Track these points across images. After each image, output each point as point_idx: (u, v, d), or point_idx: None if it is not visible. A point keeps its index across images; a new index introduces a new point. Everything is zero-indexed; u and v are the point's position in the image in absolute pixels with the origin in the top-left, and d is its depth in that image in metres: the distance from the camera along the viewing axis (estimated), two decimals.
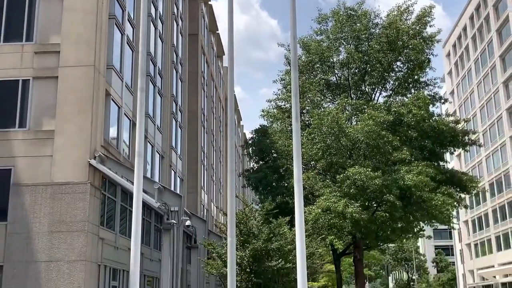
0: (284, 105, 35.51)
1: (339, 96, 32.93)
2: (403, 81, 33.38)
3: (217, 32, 55.97)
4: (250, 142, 37.12)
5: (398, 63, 33.41)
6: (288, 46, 34.60)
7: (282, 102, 35.74)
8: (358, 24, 33.10)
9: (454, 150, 34.68)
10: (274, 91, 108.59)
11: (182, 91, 37.24)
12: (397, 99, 32.81)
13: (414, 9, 33.12)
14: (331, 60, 34.14)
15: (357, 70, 33.89)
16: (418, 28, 32.62)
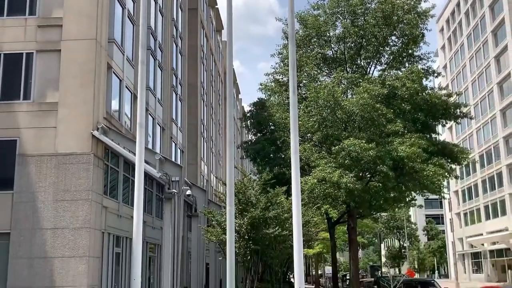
0: (281, 78, 35.36)
1: (335, 70, 32.76)
2: (398, 55, 33.20)
3: (216, 6, 55.41)
4: (248, 115, 37.04)
5: (393, 38, 33.18)
6: (285, 21, 34.32)
7: (279, 75, 35.58)
8: None
9: (446, 123, 34.67)
10: (272, 65, 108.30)
11: (182, 65, 37.05)
12: (391, 73, 32.64)
13: None
14: (328, 34, 33.88)
15: (353, 45, 33.67)
16: (412, 3, 32.30)
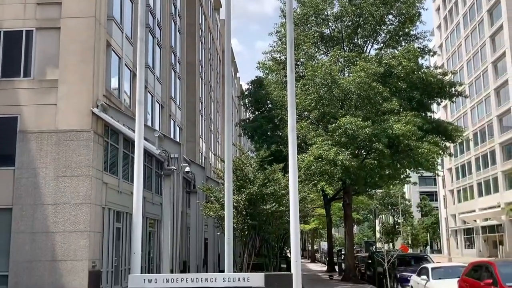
0: (279, 57, 35.14)
1: (333, 48, 32.57)
2: (394, 34, 32.99)
3: None
4: (246, 93, 36.91)
5: (390, 17, 32.93)
6: None
7: (277, 54, 35.35)
8: None
9: (441, 101, 34.57)
10: (269, 43, 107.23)
11: (181, 43, 36.78)
12: (388, 52, 32.44)
13: None
14: (325, 13, 33.62)
15: (350, 23, 33.42)
16: None
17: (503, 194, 64.71)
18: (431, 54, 34.10)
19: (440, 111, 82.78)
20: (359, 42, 34.06)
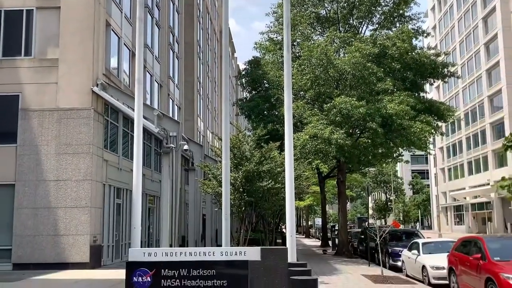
0: (276, 37, 34.91)
1: (328, 29, 32.31)
2: (389, 15, 32.72)
3: None
4: (243, 73, 36.71)
5: None
6: None
7: (274, 34, 35.10)
8: None
9: (434, 82, 34.44)
10: (266, 24, 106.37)
11: (179, 23, 36.48)
12: (382, 33, 32.22)
13: None
14: None
15: (345, 4, 33.13)
16: None
17: (493, 173, 65.07)
18: (425, 35, 33.90)
19: (432, 91, 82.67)
20: (355, 23, 33.81)
